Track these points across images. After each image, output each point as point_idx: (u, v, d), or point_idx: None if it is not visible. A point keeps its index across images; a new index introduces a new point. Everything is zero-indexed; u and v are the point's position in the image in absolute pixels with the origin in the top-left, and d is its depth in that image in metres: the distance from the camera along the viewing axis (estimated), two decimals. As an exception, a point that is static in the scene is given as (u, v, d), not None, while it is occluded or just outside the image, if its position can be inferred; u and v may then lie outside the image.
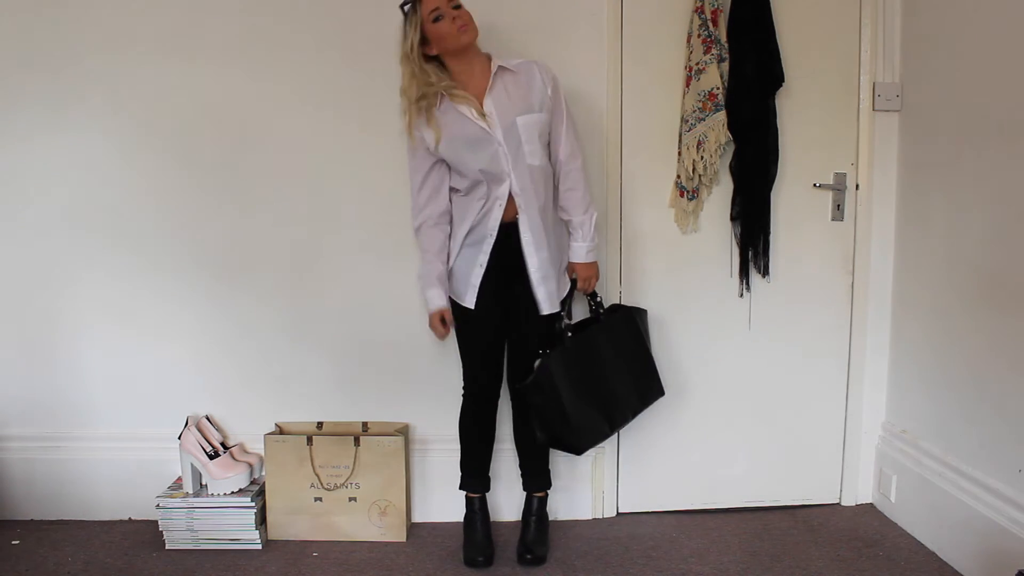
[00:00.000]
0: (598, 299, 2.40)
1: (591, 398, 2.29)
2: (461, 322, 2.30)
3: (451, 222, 2.28)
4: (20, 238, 2.55)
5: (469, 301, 2.23)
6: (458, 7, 2.07)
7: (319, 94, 2.50)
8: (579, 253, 2.28)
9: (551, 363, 2.22)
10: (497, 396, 2.38)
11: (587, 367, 2.28)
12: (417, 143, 2.19)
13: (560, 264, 2.29)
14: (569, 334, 2.29)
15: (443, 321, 2.28)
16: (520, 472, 2.47)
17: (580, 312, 2.45)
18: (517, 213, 2.17)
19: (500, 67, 2.16)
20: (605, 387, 2.31)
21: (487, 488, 2.46)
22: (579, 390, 2.26)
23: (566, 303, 2.31)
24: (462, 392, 2.39)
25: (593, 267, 2.33)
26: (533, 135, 2.15)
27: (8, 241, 2.55)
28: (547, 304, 2.23)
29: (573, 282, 2.33)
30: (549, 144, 2.24)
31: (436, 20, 2.04)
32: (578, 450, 2.33)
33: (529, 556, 2.34)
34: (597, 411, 2.31)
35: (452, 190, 2.26)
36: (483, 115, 2.13)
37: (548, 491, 2.48)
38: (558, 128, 2.23)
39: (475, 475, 2.43)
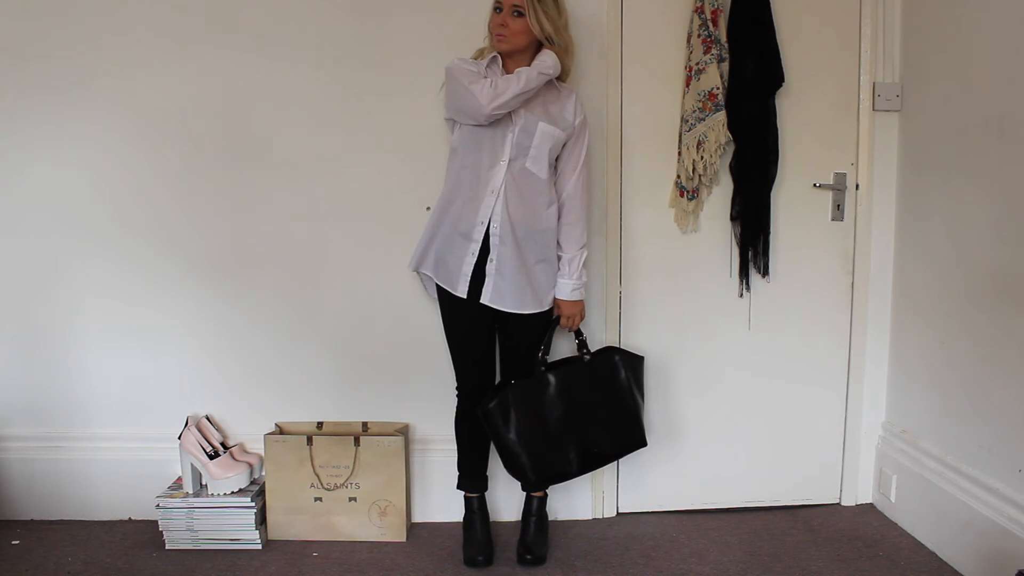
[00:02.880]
0: (582, 337, 2.38)
1: (548, 436, 2.27)
2: (450, 317, 2.30)
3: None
4: (20, 237, 2.55)
5: (461, 290, 2.21)
6: (520, 14, 2.11)
7: (324, 89, 2.50)
8: (564, 290, 2.29)
9: (511, 393, 2.23)
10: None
11: (552, 404, 2.27)
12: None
13: (536, 275, 2.24)
14: (543, 368, 2.29)
15: None
16: None
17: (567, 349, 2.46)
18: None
19: (548, 78, 2.18)
20: (572, 427, 2.29)
21: (485, 488, 2.46)
22: (534, 425, 2.25)
23: (545, 337, 2.31)
24: (456, 392, 2.39)
25: (578, 306, 2.32)
26: (545, 145, 2.18)
27: (8, 240, 2.55)
28: (488, 298, 2.19)
29: (556, 319, 2.32)
30: (557, 169, 2.28)
31: (494, 10, 2.15)
32: (524, 483, 2.33)
33: (529, 556, 2.34)
34: (556, 451, 2.28)
35: (453, 153, 2.26)
36: None
37: (547, 491, 2.48)
38: (575, 159, 2.27)
39: (472, 475, 2.43)
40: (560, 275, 2.29)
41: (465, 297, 2.22)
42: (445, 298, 2.28)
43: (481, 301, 2.21)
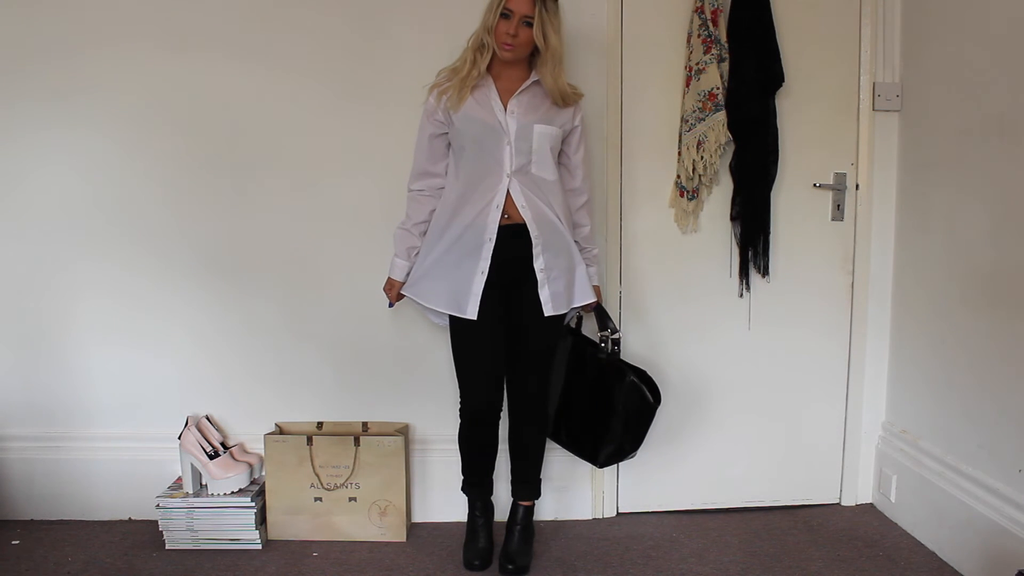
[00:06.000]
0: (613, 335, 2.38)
1: None
2: (461, 337, 2.21)
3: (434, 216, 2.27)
4: (19, 236, 2.55)
5: (471, 312, 2.14)
6: (530, 23, 2.06)
7: (321, 91, 2.50)
8: (596, 277, 2.36)
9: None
10: (500, 414, 2.29)
11: None
12: (431, 109, 2.20)
13: (575, 271, 2.24)
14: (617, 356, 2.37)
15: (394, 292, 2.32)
16: (510, 477, 2.40)
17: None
18: (520, 216, 2.14)
19: (538, 81, 2.16)
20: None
21: (490, 492, 2.43)
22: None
23: (609, 323, 2.39)
24: (459, 409, 2.31)
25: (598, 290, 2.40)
26: (545, 146, 2.16)
27: (7, 240, 2.55)
28: (550, 305, 2.18)
29: (596, 307, 2.37)
30: (561, 161, 2.27)
31: (502, 15, 2.07)
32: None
33: (511, 567, 2.26)
34: None
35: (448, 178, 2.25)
36: (505, 109, 2.15)
37: (536, 501, 2.42)
38: (575, 157, 2.27)
39: (477, 484, 2.38)
40: (588, 264, 2.31)
41: (476, 319, 2.15)
42: (458, 319, 2.20)
43: (546, 315, 2.17)
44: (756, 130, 2.49)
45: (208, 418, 2.60)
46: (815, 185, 2.61)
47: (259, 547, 2.44)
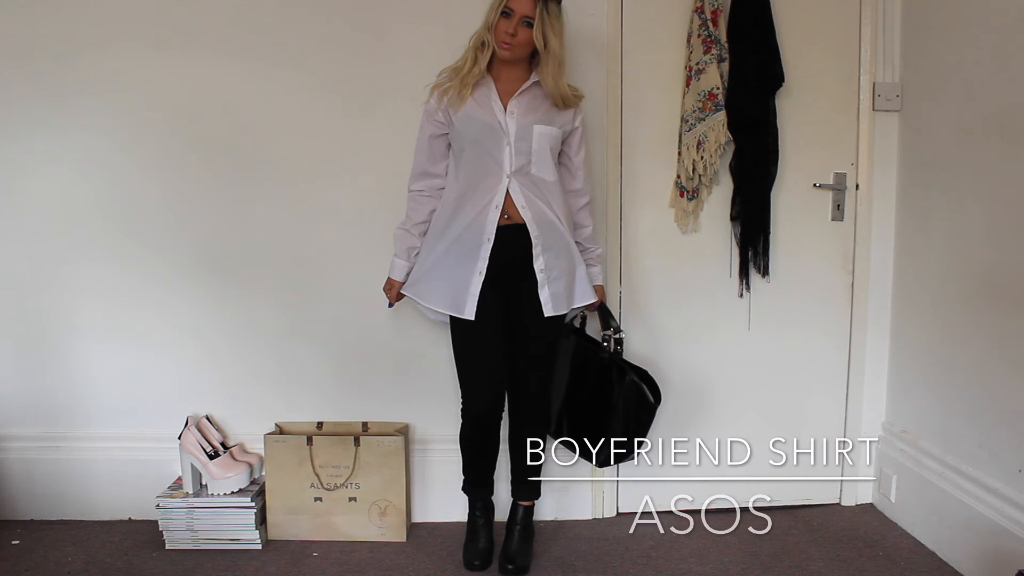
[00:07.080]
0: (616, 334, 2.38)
1: None
2: (462, 337, 2.21)
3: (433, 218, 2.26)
4: (22, 239, 2.55)
5: (469, 312, 2.15)
6: (530, 24, 2.05)
7: (321, 91, 2.50)
8: (600, 277, 2.39)
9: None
10: (501, 414, 2.29)
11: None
12: (431, 110, 2.20)
13: (575, 271, 2.24)
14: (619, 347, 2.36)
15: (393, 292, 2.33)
16: (510, 477, 2.41)
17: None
18: (520, 216, 2.14)
19: (538, 81, 2.16)
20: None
21: (490, 492, 2.43)
22: None
23: (611, 323, 2.39)
24: (461, 409, 2.31)
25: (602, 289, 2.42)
26: (545, 146, 2.16)
27: (7, 240, 2.55)
28: (550, 306, 2.18)
29: (599, 306, 2.39)
30: (562, 162, 2.27)
31: (503, 14, 2.07)
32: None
33: (511, 567, 2.26)
34: None
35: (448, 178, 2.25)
36: (504, 110, 2.15)
37: (536, 501, 2.43)
38: (576, 158, 2.28)
39: (478, 483, 2.38)
40: (591, 264, 2.33)
41: (473, 319, 2.15)
42: (457, 320, 2.20)
43: (546, 315, 2.18)
44: (756, 130, 2.49)
45: (208, 418, 2.60)
46: (815, 185, 2.61)
47: (259, 547, 2.44)
